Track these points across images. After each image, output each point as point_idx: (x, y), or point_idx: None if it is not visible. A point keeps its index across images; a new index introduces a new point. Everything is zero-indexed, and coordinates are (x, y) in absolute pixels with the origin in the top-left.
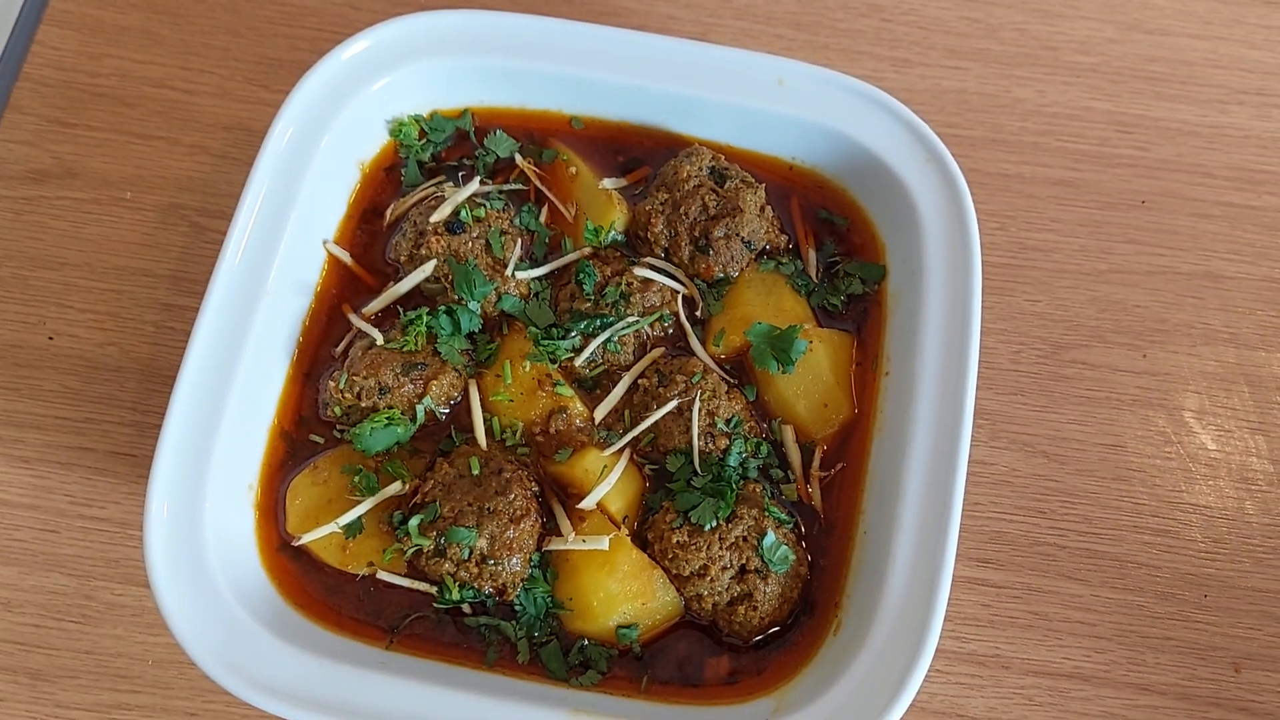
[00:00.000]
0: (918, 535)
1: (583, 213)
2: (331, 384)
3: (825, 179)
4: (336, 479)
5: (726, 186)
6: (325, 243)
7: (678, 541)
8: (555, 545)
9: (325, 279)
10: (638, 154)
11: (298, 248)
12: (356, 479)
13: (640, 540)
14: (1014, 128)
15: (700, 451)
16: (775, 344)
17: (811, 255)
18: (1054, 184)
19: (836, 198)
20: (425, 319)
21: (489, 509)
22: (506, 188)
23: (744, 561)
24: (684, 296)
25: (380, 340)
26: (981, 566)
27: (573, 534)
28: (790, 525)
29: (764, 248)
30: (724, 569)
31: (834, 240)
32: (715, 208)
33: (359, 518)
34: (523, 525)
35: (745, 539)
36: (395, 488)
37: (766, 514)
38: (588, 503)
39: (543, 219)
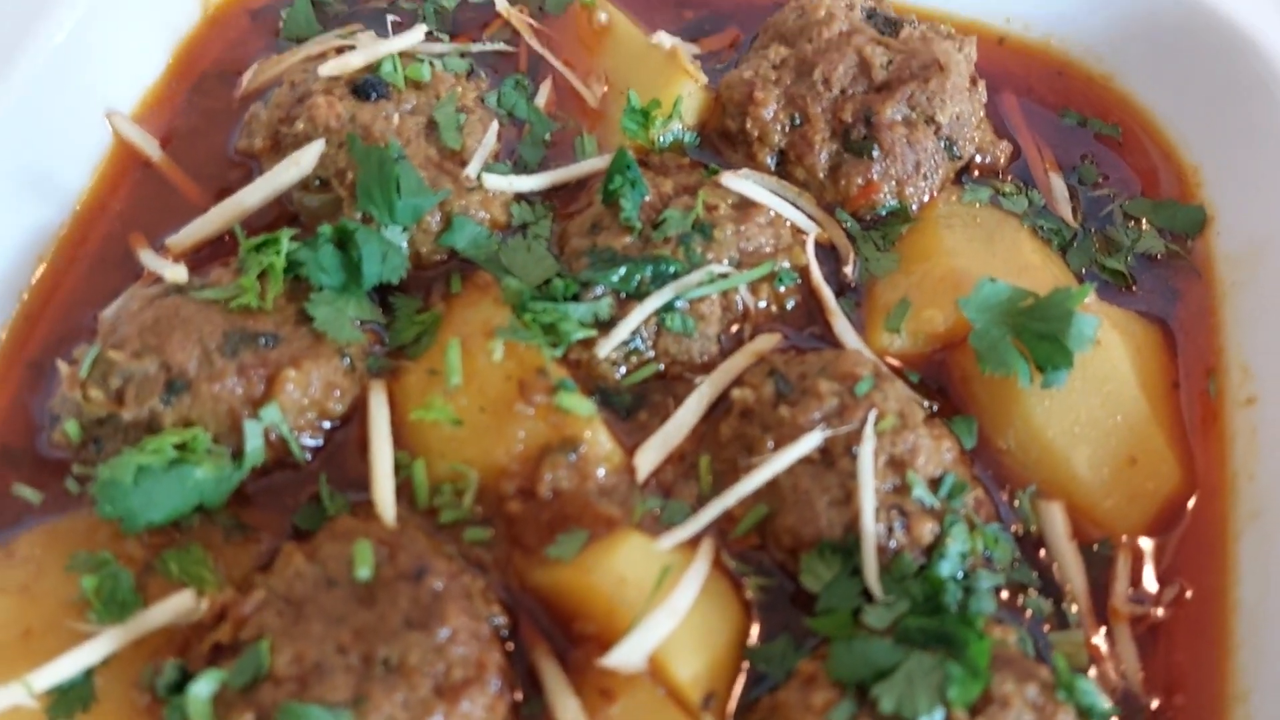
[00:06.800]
0: None
1: (616, 89)
2: (66, 370)
3: (1067, 60)
4: (52, 582)
5: (903, 35)
6: (111, 115)
7: None
8: None
9: (100, 183)
10: (718, 7)
11: (46, 117)
12: (94, 582)
13: None
14: None
15: (881, 547)
16: (1026, 322)
17: (1055, 183)
18: None
19: (1092, 93)
20: (286, 246)
21: (389, 662)
22: (478, 48)
23: None
24: (817, 240)
25: (178, 276)
26: None
27: None
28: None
29: (971, 157)
30: None
31: (1093, 161)
32: (887, 68)
33: (87, 672)
34: (467, 704)
35: None
36: (180, 604)
37: (1064, 693)
38: (623, 655)
39: (542, 103)
